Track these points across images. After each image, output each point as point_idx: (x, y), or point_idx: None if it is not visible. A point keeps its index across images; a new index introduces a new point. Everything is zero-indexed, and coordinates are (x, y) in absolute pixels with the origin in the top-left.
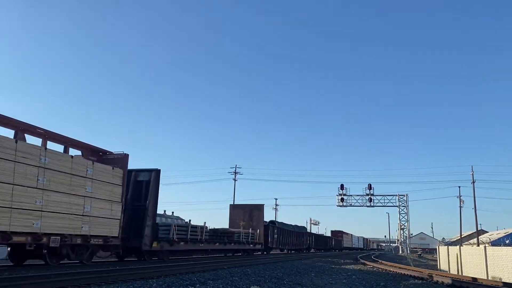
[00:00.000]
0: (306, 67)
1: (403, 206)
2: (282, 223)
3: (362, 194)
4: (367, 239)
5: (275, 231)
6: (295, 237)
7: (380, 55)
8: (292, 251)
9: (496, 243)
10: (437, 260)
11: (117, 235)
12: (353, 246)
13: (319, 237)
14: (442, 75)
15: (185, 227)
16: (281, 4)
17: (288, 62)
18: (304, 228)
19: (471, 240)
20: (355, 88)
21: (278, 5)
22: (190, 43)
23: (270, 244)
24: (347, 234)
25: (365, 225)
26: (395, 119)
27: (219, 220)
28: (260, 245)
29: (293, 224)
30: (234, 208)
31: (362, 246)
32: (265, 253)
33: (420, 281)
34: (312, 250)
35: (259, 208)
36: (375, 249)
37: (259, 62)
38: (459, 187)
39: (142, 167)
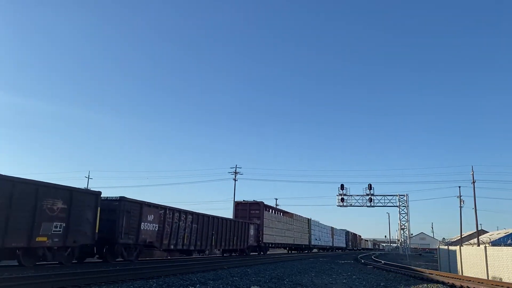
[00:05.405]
0: (306, 67)
1: (403, 206)
2: None
3: (362, 194)
4: (356, 235)
5: None
6: None
7: (380, 55)
8: None
9: (496, 243)
10: (437, 260)
11: None
12: (316, 243)
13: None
14: (442, 75)
15: None
16: (284, 4)
17: (287, 62)
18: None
19: (472, 240)
20: (355, 88)
21: (281, 5)
22: (190, 43)
23: None
24: (283, 214)
25: (366, 225)
26: (395, 119)
27: None
28: None
29: None
30: None
31: (344, 245)
32: None
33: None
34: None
35: None
36: (370, 249)
37: (259, 63)
38: (459, 187)
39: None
